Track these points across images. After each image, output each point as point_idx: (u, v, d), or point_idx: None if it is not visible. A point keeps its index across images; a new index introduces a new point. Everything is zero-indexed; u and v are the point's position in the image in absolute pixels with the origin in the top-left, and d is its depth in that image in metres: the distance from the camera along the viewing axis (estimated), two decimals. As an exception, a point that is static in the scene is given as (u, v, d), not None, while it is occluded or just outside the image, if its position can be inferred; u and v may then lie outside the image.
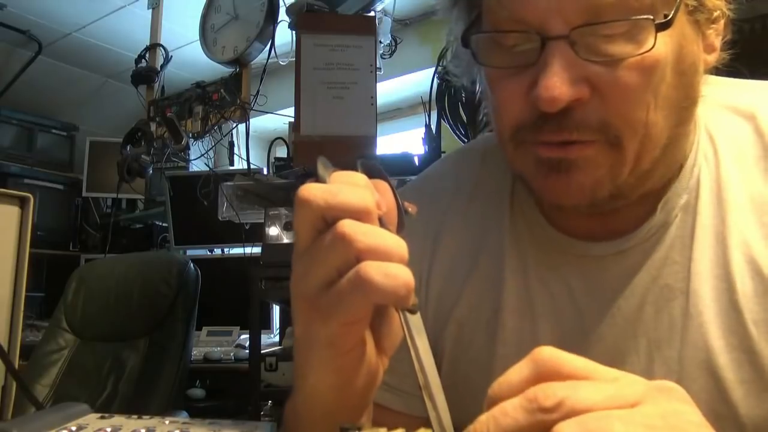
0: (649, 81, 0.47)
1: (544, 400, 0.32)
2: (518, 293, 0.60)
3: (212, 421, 0.44)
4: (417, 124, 2.33)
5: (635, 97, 0.47)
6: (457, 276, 0.63)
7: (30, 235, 0.56)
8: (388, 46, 2.03)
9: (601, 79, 0.47)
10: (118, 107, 3.35)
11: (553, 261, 0.59)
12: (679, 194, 0.55)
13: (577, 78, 0.46)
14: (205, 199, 2.22)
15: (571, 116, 0.47)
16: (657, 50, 0.46)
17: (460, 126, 1.79)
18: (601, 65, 0.47)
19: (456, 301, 0.62)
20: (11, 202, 0.54)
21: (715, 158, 0.55)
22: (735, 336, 0.51)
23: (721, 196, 0.54)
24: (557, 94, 0.46)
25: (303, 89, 1.80)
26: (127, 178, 2.19)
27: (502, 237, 0.62)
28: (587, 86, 0.47)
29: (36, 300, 3.20)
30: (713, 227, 0.53)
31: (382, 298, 0.37)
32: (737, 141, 0.55)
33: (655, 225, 0.55)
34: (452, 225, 0.65)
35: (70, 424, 0.42)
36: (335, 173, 0.41)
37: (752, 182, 0.53)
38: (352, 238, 0.37)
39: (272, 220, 1.66)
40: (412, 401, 0.62)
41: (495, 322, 0.60)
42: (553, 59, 0.46)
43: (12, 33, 3.07)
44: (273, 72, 2.01)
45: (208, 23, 2.12)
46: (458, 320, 0.62)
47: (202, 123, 2.08)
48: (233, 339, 2.57)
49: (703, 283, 0.53)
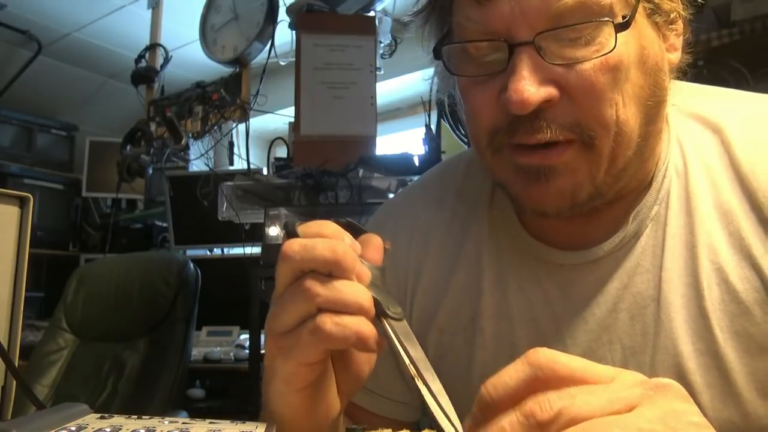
0: (613, 80, 0.49)
1: (540, 414, 0.33)
2: (496, 300, 0.61)
3: (212, 421, 0.44)
4: (417, 124, 2.32)
5: (602, 96, 0.49)
6: (439, 284, 0.65)
7: (30, 235, 0.56)
8: (388, 46, 2.03)
9: (568, 80, 0.49)
10: (118, 107, 3.35)
11: (530, 269, 0.60)
12: (649, 206, 0.57)
13: (545, 80, 0.48)
14: (205, 199, 2.22)
15: (543, 117, 0.49)
16: (618, 50, 0.48)
17: (460, 126, 1.79)
18: (567, 67, 0.49)
19: (437, 307, 0.65)
20: (11, 202, 0.54)
21: (684, 169, 0.57)
22: (702, 341, 0.53)
23: (690, 206, 0.55)
24: (527, 96, 0.48)
25: (303, 89, 1.80)
26: (127, 178, 2.19)
27: (481, 245, 0.64)
28: (555, 88, 0.49)
29: (36, 300, 3.20)
30: (683, 237, 0.55)
31: (334, 344, 0.43)
32: (705, 152, 0.57)
33: (628, 235, 0.57)
34: (436, 234, 0.67)
35: (69, 424, 0.42)
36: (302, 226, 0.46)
37: (719, 192, 0.55)
38: (312, 292, 0.42)
39: (272, 220, 1.65)
40: (384, 404, 0.69)
41: (473, 328, 0.62)
42: (521, 64, 0.48)
43: (12, 33, 3.07)
44: (273, 72, 2.01)
45: (208, 23, 2.12)
46: (439, 326, 0.64)
47: (202, 123, 2.08)
48: (233, 339, 2.57)
49: (674, 290, 0.54)
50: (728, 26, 1.54)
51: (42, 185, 3.46)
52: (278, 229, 1.65)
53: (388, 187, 1.70)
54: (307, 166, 1.68)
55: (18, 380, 0.48)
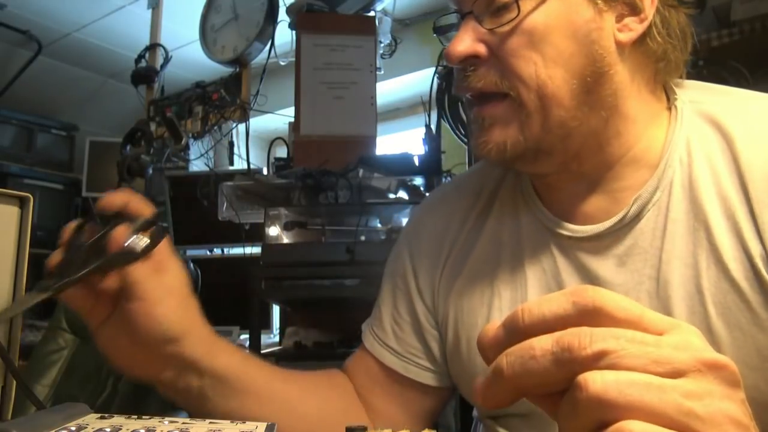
0: (529, 41, 0.58)
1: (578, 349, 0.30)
2: (513, 266, 0.68)
3: (212, 421, 0.44)
4: (417, 124, 2.32)
5: (519, 54, 0.58)
6: (464, 253, 0.73)
7: (30, 235, 0.56)
8: (388, 46, 2.03)
9: (494, 41, 0.59)
10: (118, 107, 3.35)
11: (544, 240, 0.67)
12: (651, 191, 0.62)
13: (476, 40, 0.60)
14: (205, 199, 2.22)
15: (475, 72, 0.60)
16: (534, 16, 0.58)
17: (460, 126, 1.79)
18: (496, 31, 0.59)
19: (460, 273, 0.72)
20: (11, 202, 0.54)
21: (689, 160, 0.61)
22: (696, 316, 0.57)
23: (694, 194, 0.60)
24: (455, 49, 0.60)
25: (303, 89, 1.80)
26: (127, 178, 2.18)
27: (502, 219, 0.71)
28: (484, 47, 0.60)
29: (36, 300, 3.19)
30: (685, 221, 0.59)
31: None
32: (709, 145, 0.61)
33: (629, 216, 0.62)
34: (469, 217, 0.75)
35: (69, 424, 0.42)
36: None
37: (720, 181, 0.59)
38: None
39: (272, 220, 1.65)
40: (410, 367, 0.74)
41: (491, 292, 0.69)
42: (463, 28, 0.61)
43: (12, 33, 3.07)
44: (273, 72, 2.01)
45: (208, 23, 2.13)
46: (460, 291, 0.71)
47: (202, 123, 2.08)
48: (233, 339, 2.57)
49: (673, 271, 0.59)
50: (728, 26, 1.54)
51: (42, 185, 3.46)
52: (278, 229, 1.65)
53: (388, 187, 1.70)
54: (307, 166, 1.68)
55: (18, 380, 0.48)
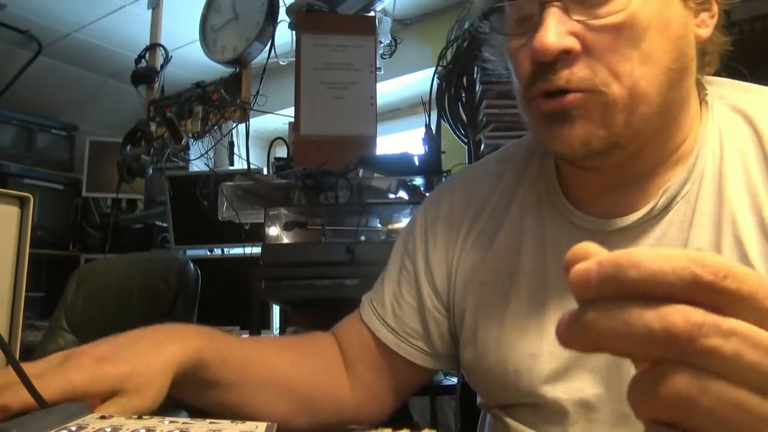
0: (629, 36, 0.54)
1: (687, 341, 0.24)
2: (534, 259, 0.67)
3: (212, 420, 0.44)
4: (417, 124, 2.32)
5: (617, 50, 0.54)
6: (485, 242, 0.72)
7: (30, 235, 0.56)
8: (388, 46, 2.03)
9: (588, 35, 0.55)
10: (118, 107, 3.35)
11: (567, 233, 0.66)
12: (680, 183, 0.61)
13: (567, 33, 0.55)
14: (205, 199, 2.22)
15: (564, 67, 0.55)
16: (635, 11, 0.54)
17: (460, 126, 1.79)
18: (589, 24, 0.55)
19: (481, 263, 0.71)
20: (11, 202, 0.54)
21: (720, 153, 0.61)
22: None
23: (722, 186, 0.59)
24: (547, 43, 0.54)
25: (303, 89, 1.80)
26: (127, 178, 2.18)
27: (524, 210, 0.70)
28: (577, 41, 0.55)
29: (36, 300, 3.20)
30: (711, 214, 0.59)
31: None
32: (741, 139, 0.61)
33: (657, 208, 0.61)
34: (489, 204, 0.74)
35: (70, 424, 0.42)
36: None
37: (750, 176, 0.59)
38: None
39: (272, 220, 1.65)
40: (404, 346, 0.74)
41: (510, 282, 0.68)
42: (548, 18, 0.55)
43: (12, 33, 3.07)
44: (273, 72, 2.01)
45: (208, 23, 2.12)
46: (481, 281, 0.71)
47: (202, 123, 2.08)
48: (233, 339, 2.56)
49: None
50: (728, 26, 1.54)
51: (42, 185, 3.47)
52: (278, 229, 1.65)
53: (388, 187, 1.70)
54: (307, 166, 1.68)
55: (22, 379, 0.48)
